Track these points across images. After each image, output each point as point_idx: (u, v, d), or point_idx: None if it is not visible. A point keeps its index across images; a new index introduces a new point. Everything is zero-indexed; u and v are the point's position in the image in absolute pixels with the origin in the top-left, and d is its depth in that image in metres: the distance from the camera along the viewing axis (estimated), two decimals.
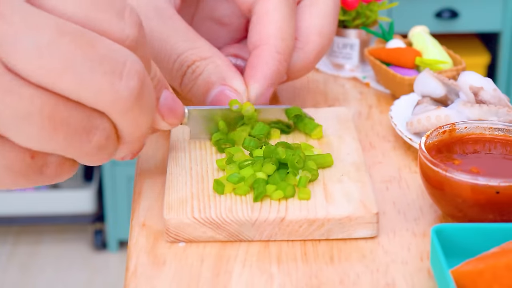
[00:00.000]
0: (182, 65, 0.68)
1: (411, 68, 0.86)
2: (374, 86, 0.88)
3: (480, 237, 0.56)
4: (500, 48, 2.40)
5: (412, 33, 0.90)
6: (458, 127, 0.65)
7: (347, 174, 0.65)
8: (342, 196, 0.62)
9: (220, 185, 0.62)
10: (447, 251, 0.56)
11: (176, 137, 0.71)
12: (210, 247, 0.60)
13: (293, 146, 0.66)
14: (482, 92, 0.71)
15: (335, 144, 0.70)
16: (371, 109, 0.83)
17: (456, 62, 0.86)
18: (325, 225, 0.60)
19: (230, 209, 0.60)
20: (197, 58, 0.68)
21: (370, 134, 0.77)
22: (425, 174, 0.62)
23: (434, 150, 0.64)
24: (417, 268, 0.58)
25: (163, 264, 0.58)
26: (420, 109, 0.74)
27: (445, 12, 2.35)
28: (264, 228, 0.60)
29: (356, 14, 0.90)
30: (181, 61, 0.68)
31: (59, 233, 2.42)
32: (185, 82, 0.69)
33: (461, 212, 0.61)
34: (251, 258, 0.59)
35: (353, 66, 0.91)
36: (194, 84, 0.69)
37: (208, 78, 0.68)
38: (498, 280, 0.50)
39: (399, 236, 0.62)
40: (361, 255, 0.59)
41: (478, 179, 0.58)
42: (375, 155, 0.73)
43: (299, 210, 0.60)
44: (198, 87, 0.69)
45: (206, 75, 0.68)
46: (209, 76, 0.68)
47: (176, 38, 0.68)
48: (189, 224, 0.60)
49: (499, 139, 0.65)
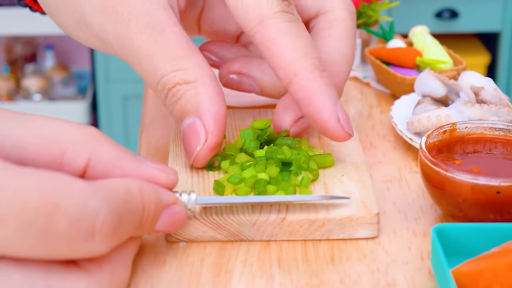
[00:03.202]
0: (164, 87, 0.63)
1: (412, 68, 0.86)
2: (374, 86, 0.88)
3: (480, 237, 0.56)
4: (500, 48, 2.40)
5: (412, 33, 0.90)
6: (459, 127, 0.65)
7: (347, 174, 0.65)
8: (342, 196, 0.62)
9: (220, 186, 0.62)
10: (447, 251, 0.56)
11: (177, 136, 0.71)
12: (210, 247, 0.60)
13: (296, 146, 0.66)
14: (482, 92, 0.71)
15: (335, 144, 0.70)
16: (372, 109, 0.83)
17: (456, 62, 0.86)
18: (325, 225, 0.60)
19: (231, 209, 0.60)
20: (179, 81, 0.62)
21: (371, 134, 0.77)
22: (425, 174, 0.62)
23: (434, 150, 0.64)
24: (417, 268, 0.58)
25: (164, 263, 0.58)
26: (420, 109, 0.74)
27: (445, 12, 2.35)
28: (264, 228, 0.60)
29: (357, 14, 0.90)
30: (163, 82, 0.63)
31: None
32: (167, 104, 0.64)
33: (462, 212, 0.61)
34: (251, 258, 0.59)
35: (354, 65, 0.91)
36: (173, 109, 0.63)
37: (184, 106, 0.63)
38: (499, 280, 0.50)
39: (400, 235, 0.62)
40: (361, 254, 0.59)
41: (479, 179, 0.58)
42: (376, 155, 0.73)
43: (299, 210, 0.60)
44: (176, 112, 0.63)
45: (183, 101, 0.63)
46: (185, 104, 0.62)
47: (162, 58, 0.62)
48: (190, 224, 0.60)
49: (500, 139, 0.65)
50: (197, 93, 0.62)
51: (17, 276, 0.44)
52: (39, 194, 0.43)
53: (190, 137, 0.63)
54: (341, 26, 0.67)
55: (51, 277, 0.45)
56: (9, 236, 0.42)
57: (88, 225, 0.44)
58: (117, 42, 0.64)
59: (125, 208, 0.48)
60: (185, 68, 0.62)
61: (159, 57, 0.62)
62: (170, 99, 0.63)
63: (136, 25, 0.63)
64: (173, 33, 0.63)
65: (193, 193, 0.58)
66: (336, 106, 0.62)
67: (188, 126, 0.63)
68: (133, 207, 0.49)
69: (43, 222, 0.43)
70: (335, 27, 0.67)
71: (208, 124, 0.62)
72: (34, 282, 0.44)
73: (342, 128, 0.62)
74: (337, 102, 0.62)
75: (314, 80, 0.61)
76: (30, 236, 0.43)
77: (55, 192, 0.44)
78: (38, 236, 0.43)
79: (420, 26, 0.90)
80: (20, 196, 0.42)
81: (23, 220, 0.42)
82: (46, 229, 0.43)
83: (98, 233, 0.45)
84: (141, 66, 0.63)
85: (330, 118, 0.62)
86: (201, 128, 0.62)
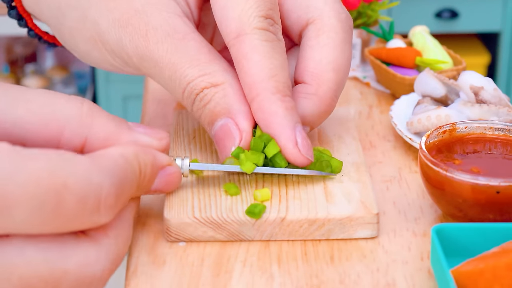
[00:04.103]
0: (191, 93, 0.63)
1: (411, 68, 0.86)
2: (374, 86, 0.88)
3: (480, 237, 0.56)
4: (500, 48, 2.40)
5: (412, 33, 0.90)
6: (459, 127, 0.65)
7: (347, 174, 0.65)
8: (342, 196, 0.62)
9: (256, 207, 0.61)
10: (447, 251, 0.56)
11: (177, 136, 0.71)
12: (210, 246, 0.60)
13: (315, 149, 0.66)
14: (482, 92, 0.71)
15: (335, 144, 0.70)
16: (372, 108, 0.83)
17: (456, 62, 0.86)
18: (325, 225, 0.60)
19: (231, 208, 0.60)
20: (207, 84, 0.63)
21: (370, 133, 0.77)
22: (425, 174, 0.62)
23: (434, 150, 0.64)
24: (417, 268, 0.58)
25: (164, 263, 0.58)
26: (420, 108, 0.74)
27: (445, 12, 2.35)
28: (264, 228, 0.60)
29: (357, 14, 0.90)
30: (190, 88, 0.63)
31: None
32: (194, 110, 0.64)
33: (462, 212, 0.61)
34: (251, 258, 0.59)
35: (354, 65, 0.91)
36: (202, 113, 0.64)
37: (214, 108, 0.63)
38: (499, 280, 0.50)
39: (400, 235, 0.62)
40: (361, 254, 0.59)
41: (479, 179, 0.58)
42: (376, 155, 0.73)
43: (299, 210, 0.60)
44: (205, 116, 0.64)
45: (212, 104, 0.63)
46: (215, 106, 0.63)
47: (186, 64, 0.63)
48: (190, 224, 0.60)
49: (500, 139, 0.65)
50: (226, 95, 0.63)
51: (31, 250, 0.46)
52: (48, 176, 0.45)
53: (224, 139, 0.63)
54: (330, 34, 0.66)
55: (64, 249, 0.47)
56: (22, 219, 0.44)
57: (94, 200, 0.47)
58: (136, 55, 0.64)
59: (124, 177, 0.50)
60: (211, 72, 0.63)
61: (183, 64, 0.63)
62: (198, 104, 0.63)
63: (155, 35, 0.63)
64: (193, 40, 0.64)
65: (186, 159, 0.60)
66: (293, 130, 0.62)
67: (221, 128, 0.63)
68: (131, 173, 0.51)
69: (54, 202, 0.45)
70: (322, 35, 0.66)
71: (241, 123, 0.63)
72: (47, 255, 0.46)
73: (300, 153, 0.62)
74: (297, 126, 0.62)
75: (274, 102, 0.62)
76: (42, 215, 0.45)
77: (63, 172, 0.46)
78: (49, 215, 0.45)
79: (420, 26, 0.90)
80: (32, 180, 0.44)
81: (35, 202, 0.44)
82: (56, 208, 0.45)
83: (103, 206, 0.48)
84: (163, 76, 0.64)
85: (287, 143, 0.62)
86: (234, 128, 0.63)
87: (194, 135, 0.71)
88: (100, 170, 0.48)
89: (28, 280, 0.46)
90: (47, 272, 0.46)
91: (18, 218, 0.44)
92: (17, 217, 0.44)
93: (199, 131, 0.72)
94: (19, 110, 0.51)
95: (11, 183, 0.44)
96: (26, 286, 0.46)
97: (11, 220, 0.44)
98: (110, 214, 0.49)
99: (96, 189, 0.47)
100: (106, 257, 0.49)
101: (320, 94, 0.65)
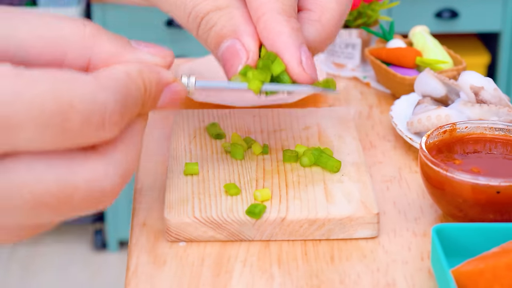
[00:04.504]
0: (197, 17, 0.65)
1: (412, 68, 0.86)
2: (374, 86, 0.88)
3: (480, 237, 0.56)
4: (500, 48, 2.40)
5: (412, 33, 0.90)
6: (459, 127, 0.65)
7: (347, 174, 0.65)
8: (342, 196, 0.62)
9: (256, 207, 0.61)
10: (447, 251, 0.56)
11: (177, 136, 0.71)
12: (210, 246, 0.60)
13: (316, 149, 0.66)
14: (482, 92, 0.71)
15: (335, 144, 0.70)
16: (372, 109, 0.83)
17: (456, 62, 0.86)
18: (325, 225, 0.60)
19: (231, 208, 0.60)
20: (212, 8, 0.64)
21: (371, 133, 0.77)
22: (425, 174, 0.62)
23: (434, 150, 0.64)
24: (417, 267, 0.58)
25: (164, 263, 0.58)
26: (420, 108, 0.74)
27: (445, 12, 2.35)
28: (264, 228, 0.60)
29: (357, 13, 0.90)
30: (195, 12, 0.64)
31: (59, 233, 2.42)
32: (200, 34, 0.66)
33: (462, 212, 0.61)
34: (251, 258, 0.59)
35: (354, 65, 0.91)
36: (208, 36, 0.65)
37: (220, 31, 0.64)
38: (499, 280, 0.50)
39: (400, 235, 0.62)
40: (361, 254, 0.59)
41: (479, 179, 0.58)
42: (376, 155, 0.73)
43: (299, 210, 0.60)
44: (211, 39, 0.65)
45: (218, 27, 0.64)
46: (221, 29, 0.64)
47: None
48: (190, 224, 0.60)
49: (500, 139, 0.65)
50: (232, 17, 0.64)
51: (40, 167, 0.47)
52: (53, 97, 0.46)
53: (230, 59, 0.64)
54: None
55: (72, 165, 0.48)
56: (29, 137, 0.45)
57: (99, 118, 0.47)
58: None
59: (129, 95, 0.50)
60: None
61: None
62: (204, 27, 0.65)
63: None
64: None
65: (192, 77, 0.60)
66: (299, 49, 0.63)
67: (227, 48, 0.64)
68: (136, 91, 0.51)
69: (60, 122, 0.46)
70: None
71: (247, 43, 0.64)
72: (57, 171, 0.47)
73: (304, 71, 0.63)
74: (302, 46, 0.63)
75: (280, 22, 0.63)
76: (48, 134, 0.46)
77: (67, 92, 0.46)
78: (55, 133, 0.46)
79: (420, 26, 0.90)
80: (37, 100, 0.45)
81: (41, 121, 0.45)
82: (62, 127, 0.46)
83: (108, 123, 0.48)
84: (169, 2, 0.65)
85: (292, 62, 0.63)
86: (241, 48, 0.64)
87: (194, 135, 0.71)
88: (104, 88, 0.48)
89: (39, 196, 0.46)
90: (58, 188, 0.47)
91: (25, 136, 0.45)
92: (24, 136, 0.45)
93: (199, 131, 0.72)
94: (21, 33, 0.51)
95: (16, 104, 0.44)
96: (39, 202, 0.46)
97: (18, 138, 0.45)
98: (115, 130, 0.49)
99: (101, 107, 0.47)
100: (115, 171, 0.49)
101: (323, 22, 0.66)
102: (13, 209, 0.46)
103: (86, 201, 0.48)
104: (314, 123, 0.73)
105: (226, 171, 0.65)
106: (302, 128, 0.73)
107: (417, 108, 0.75)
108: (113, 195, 0.50)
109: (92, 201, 0.48)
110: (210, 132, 0.71)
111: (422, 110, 0.74)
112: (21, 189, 0.46)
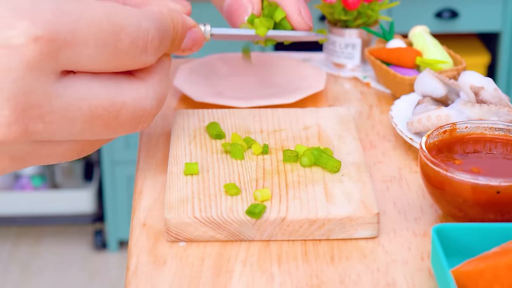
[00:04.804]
0: None
1: (412, 68, 0.86)
2: (374, 86, 0.88)
3: (480, 237, 0.56)
4: (500, 48, 2.40)
5: (412, 33, 0.90)
6: (459, 127, 0.65)
7: (347, 174, 0.65)
8: (342, 196, 0.62)
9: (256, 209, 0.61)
10: (447, 251, 0.56)
11: (177, 136, 0.71)
12: (210, 246, 0.60)
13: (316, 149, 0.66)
14: (482, 92, 0.71)
15: (336, 144, 0.70)
16: (372, 109, 0.83)
17: (456, 62, 0.86)
18: (325, 225, 0.60)
19: (231, 208, 0.60)
20: None
21: (371, 133, 0.77)
22: (425, 174, 0.62)
23: (434, 150, 0.64)
24: (417, 267, 0.58)
25: (164, 263, 0.58)
26: (420, 108, 0.74)
27: (445, 12, 2.35)
28: (265, 228, 0.60)
29: (357, 14, 0.90)
30: None
31: (59, 234, 2.42)
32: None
33: (462, 212, 0.61)
34: (251, 258, 0.59)
35: (354, 65, 0.91)
36: None
37: None
38: (499, 280, 0.50)
39: (400, 235, 0.62)
40: (361, 254, 0.59)
41: (479, 179, 0.58)
42: (376, 155, 0.73)
43: (299, 210, 0.60)
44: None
45: None
46: None
47: None
48: (190, 224, 0.60)
49: (500, 139, 0.65)
50: None
51: (96, 85, 0.53)
52: (107, 19, 0.52)
53: (237, 9, 0.74)
54: None
55: (121, 85, 0.55)
56: (91, 54, 0.52)
57: (143, 41, 0.55)
58: None
59: (164, 27, 0.58)
60: None
61: None
62: None
63: None
64: None
65: (208, 25, 0.69)
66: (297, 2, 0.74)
67: (232, 1, 0.74)
68: (168, 26, 0.59)
69: (113, 41, 0.53)
70: None
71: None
72: (109, 90, 0.54)
73: (303, 20, 0.74)
74: None
75: None
76: (106, 53, 0.53)
77: (118, 16, 0.53)
78: (111, 52, 0.53)
79: (420, 26, 0.90)
80: (94, 21, 0.52)
81: (99, 40, 0.52)
82: (115, 46, 0.53)
83: (149, 47, 0.55)
84: None
85: (292, 11, 0.74)
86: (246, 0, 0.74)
87: (194, 135, 0.71)
88: (147, 17, 0.55)
89: (95, 109, 0.53)
90: (109, 102, 0.54)
91: (86, 53, 0.51)
92: (86, 52, 0.51)
93: (199, 131, 0.72)
94: None
95: (81, 21, 0.51)
96: (94, 114, 0.53)
97: (81, 55, 0.51)
98: (154, 55, 0.56)
99: (144, 33, 0.55)
100: (153, 94, 0.57)
101: None
102: (72, 121, 0.52)
103: (131, 118, 0.55)
104: (314, 123, 0.73)
105: (226, 171, 0.65)
106: (302, 128, 0.73)
107: (417, 108, 0.75)
108: (151, 115, 0.57)
109: (135, 119, 0.56)
110: (210, 132, 0.71)
111: (422, 110, 0.74)
112: (80, 102, 0.52)
